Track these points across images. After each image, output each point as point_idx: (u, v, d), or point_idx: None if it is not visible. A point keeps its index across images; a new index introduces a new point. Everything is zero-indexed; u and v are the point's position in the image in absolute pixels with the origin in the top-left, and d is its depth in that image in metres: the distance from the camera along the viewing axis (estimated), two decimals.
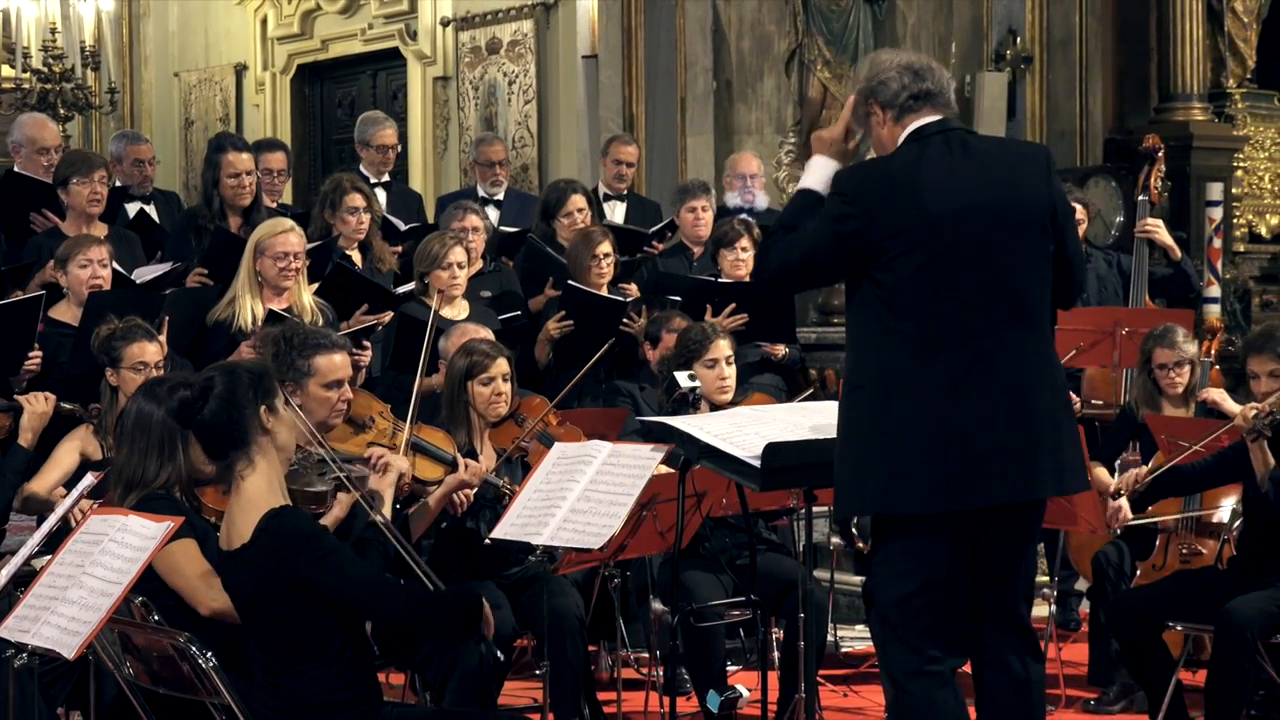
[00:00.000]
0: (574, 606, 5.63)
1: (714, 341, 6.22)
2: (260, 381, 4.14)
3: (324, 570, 4.00)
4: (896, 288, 4.21)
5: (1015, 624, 4.37)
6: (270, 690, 4.09)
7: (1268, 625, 5.48)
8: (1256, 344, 5.76)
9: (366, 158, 9.11)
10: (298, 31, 13.35)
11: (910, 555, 4.26)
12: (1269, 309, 10.44)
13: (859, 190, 4.26)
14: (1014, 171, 4.31)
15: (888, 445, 4.20)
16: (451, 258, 7.14)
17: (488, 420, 5.93)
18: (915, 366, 4.19)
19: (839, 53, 9.88)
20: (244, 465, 4.09)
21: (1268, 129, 11.19)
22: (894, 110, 4.33)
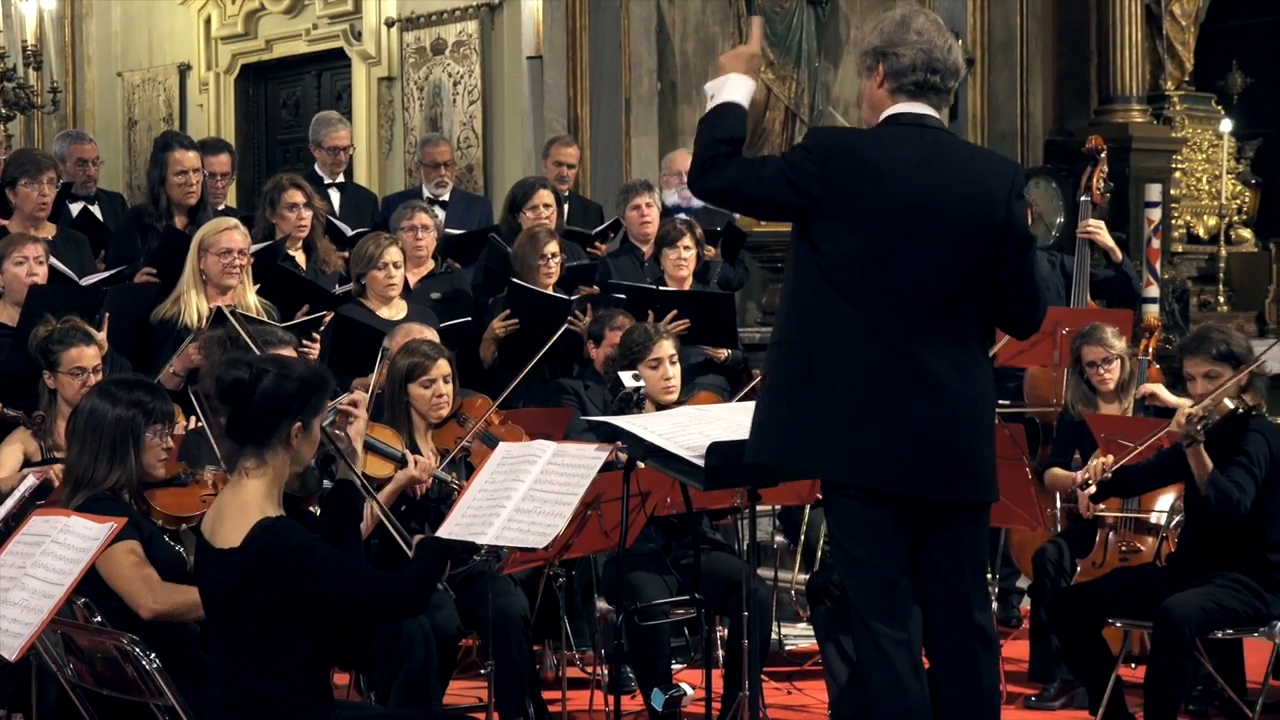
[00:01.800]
0: (519, 606, 5.64)
1: (657, 342, 6.24)
2: (308, 396, 4.10)
3: (325, 582, 4.00)
4: (836, 262, 4.24)
5: (967, 625, 4.38)
6: (226, 688, 4.08)
7: (1205, 621, 5.54)
8: (1191, 346, 5.82)
9: (319, 158, 9.08)
10: (242, 31, 13.30)
11: (847, 522, 4.32)
12: (1206, 309, 10.55)
13: (826, 156, 4.26)
14: (977, 180, 4.31)
15: (798, 404, 4.26)
16: (387, 257, 7.13)
17: (429, 421, 5.93)
18: (839, 342, 4.23)
19: (782, 54, 9.92)
20: (254, 464, 4.06)
21: (1205, 131, 11.30)
22: (893, 83, 4.34)
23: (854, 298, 4.24)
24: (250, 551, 3.97)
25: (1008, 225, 4.30)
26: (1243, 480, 5.54)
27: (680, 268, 7.79)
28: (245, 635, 4.04)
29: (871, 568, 4.31)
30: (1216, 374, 5.67)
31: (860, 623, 4.33)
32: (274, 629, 4.01)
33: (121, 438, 4.64)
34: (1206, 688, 6.20)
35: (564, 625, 6.21)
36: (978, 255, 4.28)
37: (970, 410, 4.29)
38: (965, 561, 4.39)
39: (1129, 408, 6.70)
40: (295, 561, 3.97)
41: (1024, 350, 7.21)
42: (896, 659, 4.30)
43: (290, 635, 4.02)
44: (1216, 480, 5.50)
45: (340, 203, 8.83)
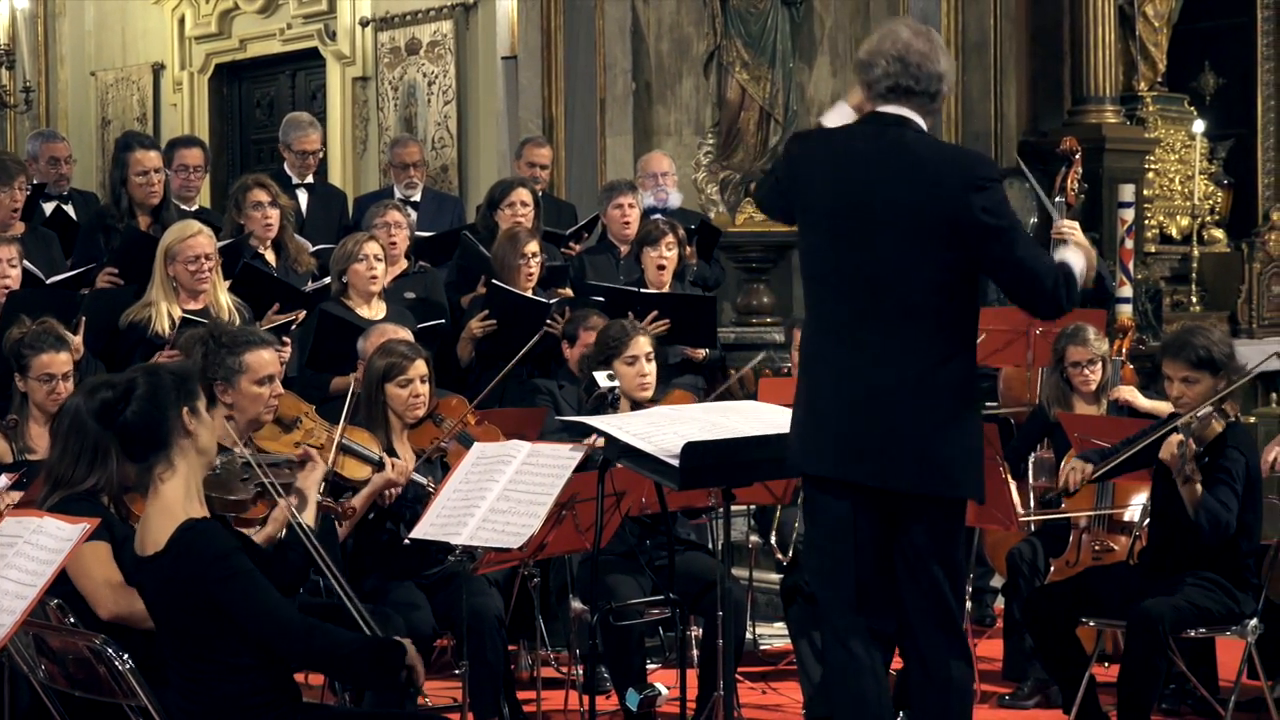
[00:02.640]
0: (493, 606, 5.64)
1: (633, 339, 6.24)
2: (184, 383, 4.11)
3: (229, 592, 3.97)
4: (805, 259, 4.51)
5: (940, 622, 4.40)
6: (184, 693, 4.07)
7: (1179, 620, 5.56)
8: (1172, 348, 5.80)
9: (288, 159, 9.06)
10: (216, 31, 13.28)
11: (814, 518, 4.46)
12: (1179, 309, 10.57)
13: (791, 158, 4.53)
14: (929, 174, 4.33)
15: (795, 404, 4.47)
16: (367, 250, 7.13)
17: (406, 421, 5.92)
18: (812, 337, 4.46)
19: (757, 55, 9.93)
20: (163, 469, 4.06)
21: (1178, 131, 11.33)
22: (871, 91, 4.44)
23: (817, 293, 4.44)
24: (173, 552, 3.97)
25: (963, 216, 4.29)
26: (1228, 499, 5.54)
27: (662, 269, 7.79)
28: (191, 638, 4.03)
29: (829, 556, 4.41)
30: (1195, 379, 5.67)
31: (821, 611, 4.49)
32: (214, 627, 3.99)
33: (103, 441, 4.63)
34: (1180, 686, 6.22)
35: (539, 625, 6.21)
36: (930, 248, 4.30)
37: (925, 402, 4.31)
38: (933, 558, 4.40)
39: (1104, 409, 6.73)
40: (210, 563, 3.96)
41: (998, 350, 7.23)
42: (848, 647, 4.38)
43: (233, 633, 4.01)
44: (1207, 504, 5.50)
45: (308, 203, 8.81)
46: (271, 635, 4.03)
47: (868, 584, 4.39)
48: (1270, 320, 10.90)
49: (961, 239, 4.31)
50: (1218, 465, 5.60)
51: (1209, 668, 6.16)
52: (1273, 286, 11.01)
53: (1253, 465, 5.69)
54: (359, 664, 4.13)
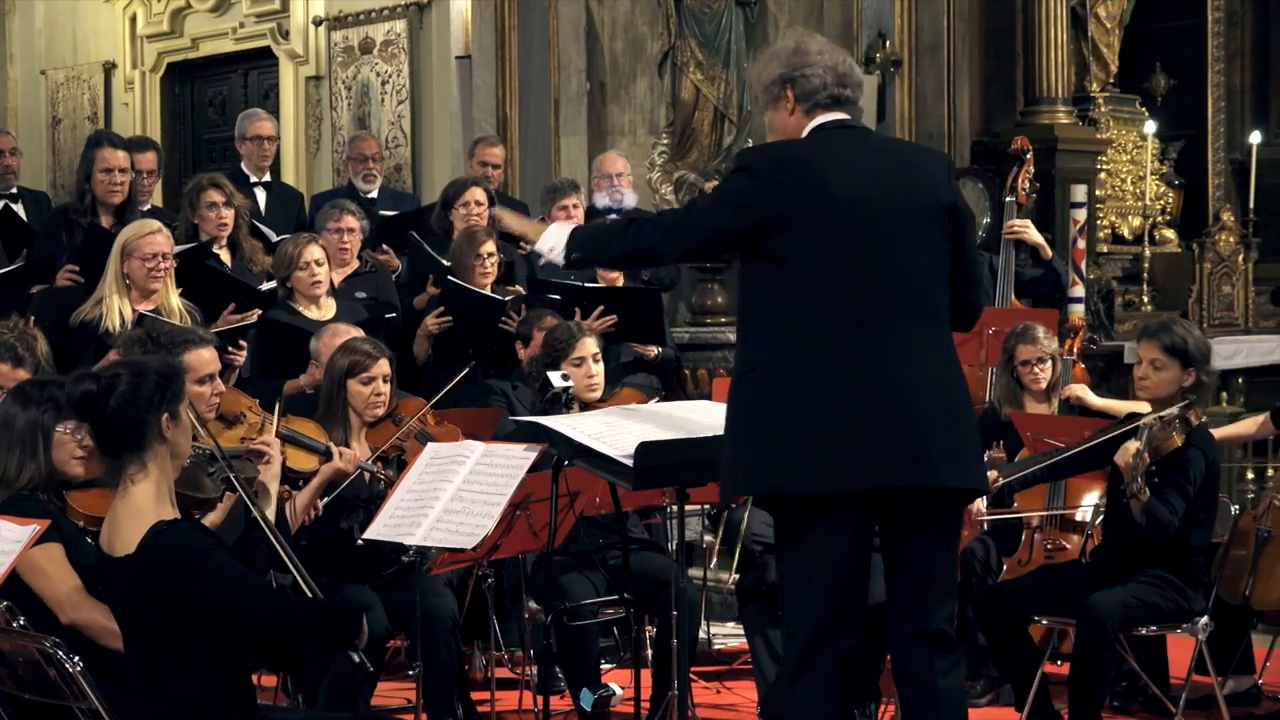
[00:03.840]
0: (447, 607, 5.63)
1: (579, 340, 6.23)
2: (168, 385, 4.06)
3: (212, 589, 3.96)
4: (796, 265, 4.23)
5: (929, 632, 4.33)
6: (143, 694, 4.05)
7: (1128, 618, 5.59)
8: (1151, 330, 5.78)
9: (245, 152, 9.05)
10: (168, 30, 13.20)
11: (810, 538, 4.25)
12: (1131, 308, 10.63)
13: (767, 165, 4.31)
14: (916, 165, 4.38)
15: (781, 426, 4.21)
16: (307, 256, 7.11)
17: (365, 420, 5.91)
18: (808, 347, 4.22)
19: (711, 55, 9.93)
20: (136, 469, 4.02)
21: (1130, 132, 11.39)
22: (806, 104, 4.39)
23: (818, 299, 4.23)
24: (146, 555, 3.95)
25: (953, 203, 4.36)
26: (1175, 501, 5.57)
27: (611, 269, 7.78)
28: (155, 641, 4.01)
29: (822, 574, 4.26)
30: (1163, 365, 5.68)
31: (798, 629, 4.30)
32: (182, 632, 3.98)
33: (31, 434, 4.63)
34: (1131, 684, 6.26)
35: (493, 626, 6.21)
36: (933, 237, 4.31)
37: (936, 394, 4.26)
38: (936, 559, 4.35)
39: (1055, 407, 6.76)
40: (186, 564, 3.94)
41: None
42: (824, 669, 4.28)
43: (200, 638, 3.99)
44: (1150, 506, 5.54)
45: (266, 201, 8.79)
46: (265, 619, 4.06)
47: (852, 600, 4.33)
48: (1221, 320, 10.97)
49: (950, 226, 4.34)
50: (1177, 465, 5.61)
51: (1160, 665, 6.21)
52: (1223, 286, 11.09)
53: (1213, 465, 5.72)
54: (329, 623, 4.18)
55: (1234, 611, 6.16)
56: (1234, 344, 10.59)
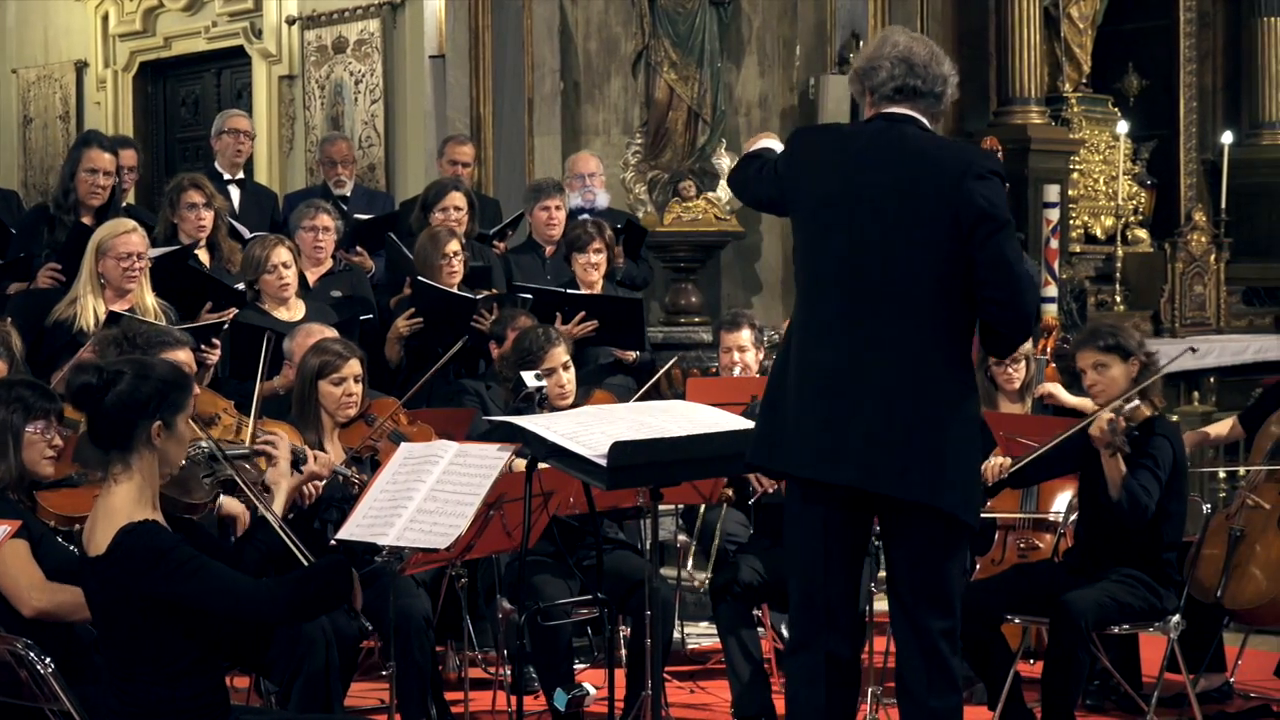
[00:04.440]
0: (421, 607, 5.62)
1: (551, 350, 6.20)
2: (166, 395, 4.04)
3: (181, 585, 3.94)
4: (802, 246, 4.43)
5: (923, 646, 4.32)
6: (118, 695, 4.04)
7: (1101, 617, 5.61)
8: (1082, 340, 5.89)
9: (219, 148, 9.03)
10: (140, 29, 13.15)
11: (791, 522, 4.42)
12: (1104, 308, 10.67)
13: (797, 145, 4.50)
14: (929, 164, 4.30)
15: (768, 402, 4.40)
16: (275, 258, 7.10)
17: (338, 420, 5.89)
18: (799, 334, 4.37)
19: (685, 55, 9.94)
20: (120, 469, 4.01)
21: (1102, 132, 11.44)
22: (876, 95, 4.43)
23: (807, 288, 4.38)
24: (114, 557, 3.94)
25: (961, 203, 4.24)
26: (1150, 485, 5.60)
27: (590, 272, 7.80)
28: (129, 642, 4.00)
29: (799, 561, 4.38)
30: (1105, 364, 5.74)
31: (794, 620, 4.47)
32: (155, 633, 3.97)
33: (1, 434, 4.60)
34: (1103, 682, 6.28)
35: (466, 626, 6.20)
36: (932, 237, 4.25)
37: (906, 399, 4.23)
38: (919, 572, 4.32)
39: (1029, 407, 6.78)
40: (152, 564, 3.93)
41: None
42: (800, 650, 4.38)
43: (173, 639, 3.98)
44: (1129, 485, 5.56)
45: (240, 200, 8.77)
46: (240, 608, 4.04)
47: (838, 600, 4.35)
48: (1193, 319, 11.03)
49: (960, 229, 4.23)
50: (1144, 452, 5.65)
51: (1133, 663, 6.23)
52: (1195, 286, 11.14)
53: (1179, 457, 5.75)
54: (320, 595, 4.17)
55: (1206, 610, 6.19)
56: (1206, 343, 10.63)
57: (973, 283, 4.26)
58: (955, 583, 4.41)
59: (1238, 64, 12.44)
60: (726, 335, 7.38)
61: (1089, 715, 6.19)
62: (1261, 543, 6.19)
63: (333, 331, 6.49)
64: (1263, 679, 6.47)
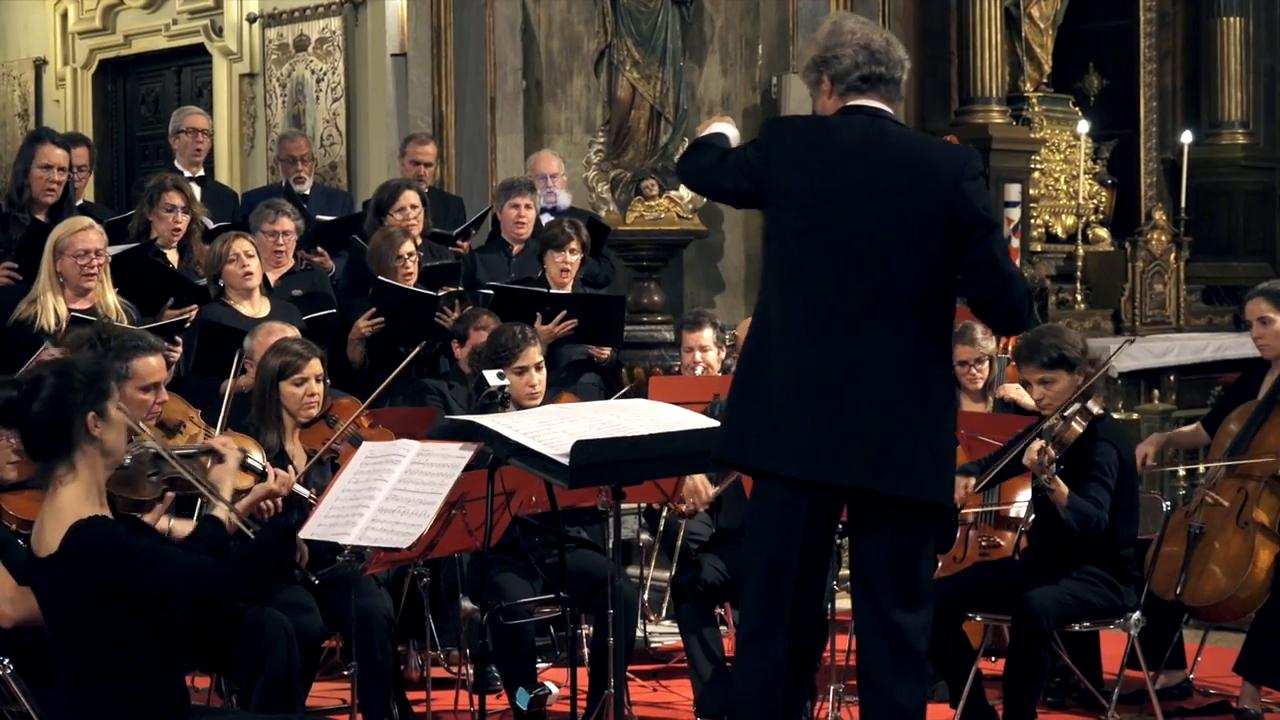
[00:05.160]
0: (382, 606, 5.60)
1: (525, 349, 6.19)
2: (93, 384, 4.05)
3: (137, 575, 3.94)
4: (781, 242, 4.35)
5: (894, 641, 4.31)
6: (75, 698, 4.03)
7: (1062, 614, 5.63)
8: (1023, 353, 5.88)
9: (178, 146, 9.02)
10: (100, 26, 13.08)
11: (761, 517, 4.37)
12: (1065, 307, 10.71)
13: (769, 144, 4.39)
14: (922, 163, 4.30)
15: (742, 395, 4.34)
16: (236, 248, 7.09)
17: (299, 421, 5.87)
18: (780, 327, 4.29)
19: (648, 54, 9.93)
20: (64, 471, 4.00)
21: (1063, 132, 11.48)
22: (841, 86, 4.38)
23: (785, 284, 4.30)
24: (67, 554, 3.94)
25: (959, 206, 4.25)
26: (1099, 495, 5.62)
27: (565, 271, 7.81)
28: (85, 640, 3.99)
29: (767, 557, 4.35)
30: (1051, 379, 5.76)
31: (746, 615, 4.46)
32: (111, 630, 3.96)
33: None
34: (1064, 679, 6.30)
35: (428, 625, 6.18)
36: (923, 239, 4.25)
37: (898, 398, 4.24)
38: (900, 567, 4.31)
39: (991, 407, 6.80)
40: (109, 557, 3.93)
41: None
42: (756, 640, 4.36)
43: (130, 636, 3.97)
44: (1075, 505, 5.57)
45: (201, 197, 8.74)
46: (194, 589, 4.07)
47: (805, 597, 4.35)
48: (1153, 318, 11.08)
49: (952, 231, 4.24)
50: (1089, 461, 5.67)
51: (1093, 661, 6.25)
52: (1155, 285, 11.19)
53: (1125, 456, 5.77)
54: (273, 565, 4.22)
55: (1166, 607, 6.22)
56: (1166, 342, 10.69)
57: (964, 282, 4.31)
58: (931, 576, 4.49)
59: (1197, 64, 12.51)
60: (689, 334, 7.39)
61: (1050, 712, 6.21)
62: (1220, 540, 6.22)
63: (294, 330, 6.47)
64: (1222, 675, 6.50)
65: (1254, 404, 6.45)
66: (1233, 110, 12.41)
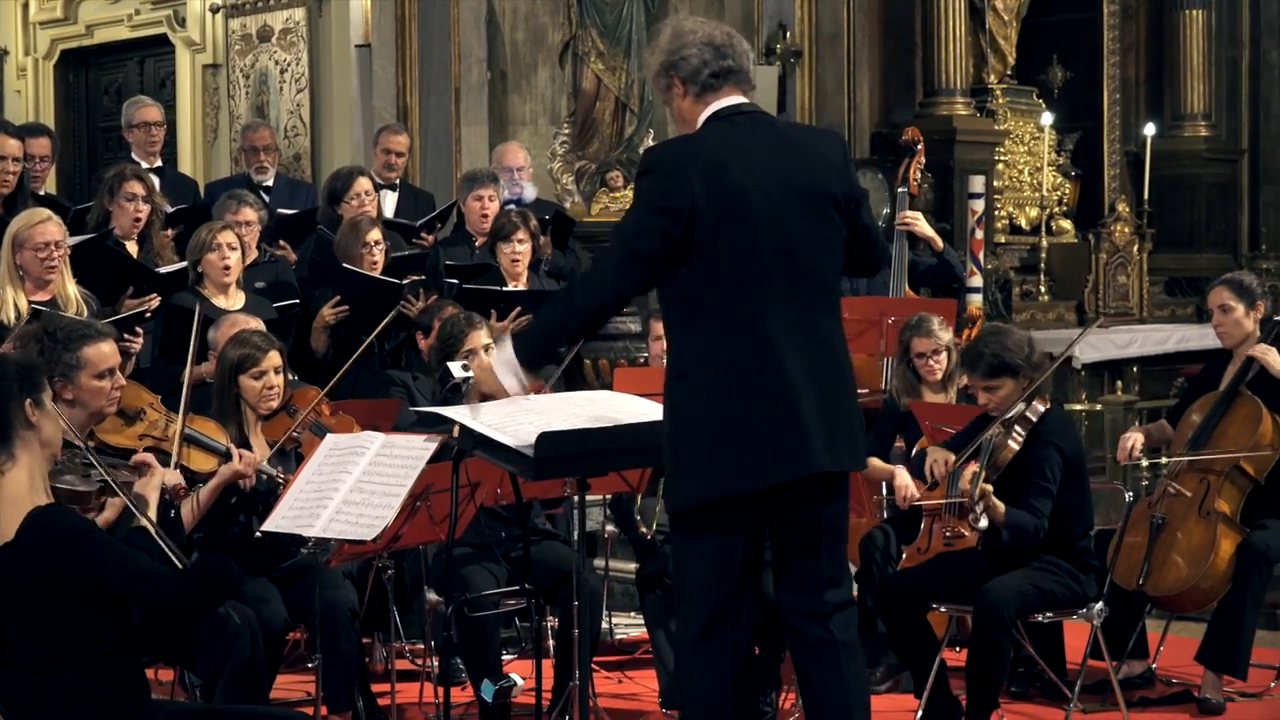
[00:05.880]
0: (347, 598, 5.59)
1: (470, 333, 6.18)
2: (28, 375, 4.05)
3: (96, 568, 3.94)
4: (710, 261, 4.21)
5: (827, 616, 4.35)
6: (34, 689, 4.01)
7: (1024, 605, 5.65)
8: (967, 361, 5.92)
9: (133, 140, 8.97)
10: (61, 16, 13.01)
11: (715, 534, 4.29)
12: (1028, 298, 10.76)
13: (674, 163, 4.24)
14: (815, 152, 4.37)
15: (717, 429, 4.23)
16: (220, 239, 7.05)
17: (260, 413, 5.85)
18: (731, 345, 4.23)
19: (612, 45, 9.95)
20: (4, 460, 4.00)
21: (1027, 124, 11.53)
22: (695, 86, 4.35)
23: (733, 296, 4.22)
24: (26, 540, 3.93)
25: (846, 185, 4.38)
26: (1040, 504, 5.64)
27: (516, 262, 7.78)
28: (42, 629, 3.97)
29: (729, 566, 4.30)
30: (996, 386, 5.79)
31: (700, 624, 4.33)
32: (69, 618, 3.96)
33: None
34: (1027, 669, 6.33)
35: (393, 617, 6.17)
36: (832, 226, 4.33)
37: (839, 379, 4.36)
38: (837, 538, 4.39)
39: (953, 397, 6.81)
40: (70, 546, 3.93)
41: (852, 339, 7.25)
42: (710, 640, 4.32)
43: (88, 623, 3.97)
44: (1011, 521, 5.60)
45: (160, 188, 8.68)
46: (151, 593, 4.06)
47: (751, 595, 4.36)
48: (1116, 309, 11.14)
49: (846, 212, 4.35)
50: (1030, 468, 5.69)
51: (1057, 651, 6.28)
52: (1118, 276, 11.25)
53: (1070, 452, 5.78)
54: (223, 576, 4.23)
55: (1129, 597, 6.25)
56: (1129, 333, 10.75)
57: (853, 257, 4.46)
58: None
59: (1160, 56, 12.58)
60: (657, 324, 7.38)
61: (1013, 702, 6.23)
62: (1183, 530, 6.26)
63: (256, 322, 6.44)
64: (1184, 665, 6.53)
65: (1215, 395, 6.48)
66: (1195, 103, 12.48)
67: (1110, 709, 6.07)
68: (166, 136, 9.51)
